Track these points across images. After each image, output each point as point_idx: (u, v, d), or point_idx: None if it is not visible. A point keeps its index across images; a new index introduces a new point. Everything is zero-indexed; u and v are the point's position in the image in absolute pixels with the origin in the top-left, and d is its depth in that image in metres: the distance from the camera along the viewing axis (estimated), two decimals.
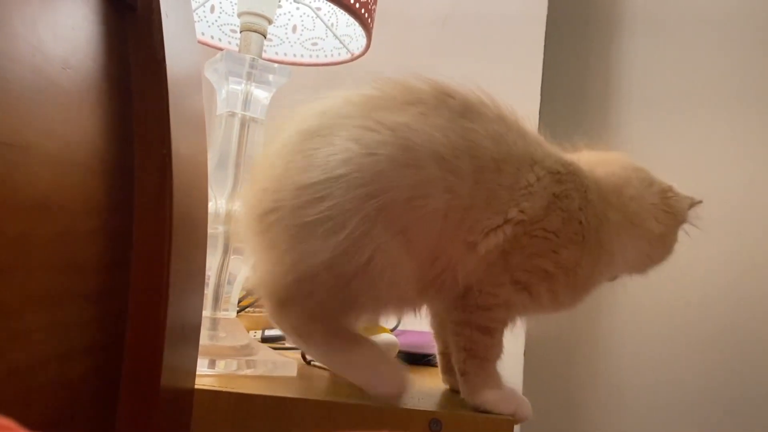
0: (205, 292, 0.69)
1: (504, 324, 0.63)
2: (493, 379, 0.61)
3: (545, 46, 1.24)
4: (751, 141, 1.42)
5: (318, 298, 0.56)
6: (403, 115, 0.57)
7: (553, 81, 1.37)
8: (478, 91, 0.64)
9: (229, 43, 0.91)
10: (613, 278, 0.73)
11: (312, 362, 0.77)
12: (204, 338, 0.65)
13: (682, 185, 1.39)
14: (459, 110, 0.60)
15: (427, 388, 0.70)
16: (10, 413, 0.26)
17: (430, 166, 0.56)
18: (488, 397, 0.60)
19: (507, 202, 0.59)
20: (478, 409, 0.60)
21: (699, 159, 1.42)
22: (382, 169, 0.54)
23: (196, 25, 0.87)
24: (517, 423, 0.60)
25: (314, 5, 0.87)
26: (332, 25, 0.88)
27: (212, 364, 0.65)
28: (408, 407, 0.59)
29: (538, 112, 1.23)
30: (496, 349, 0.62)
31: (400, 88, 0.60)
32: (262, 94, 0.75)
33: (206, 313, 0.70)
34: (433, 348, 0.74)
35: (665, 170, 1.40)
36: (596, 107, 1.45)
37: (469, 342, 0.61)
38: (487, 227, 0.59)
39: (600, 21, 1.46)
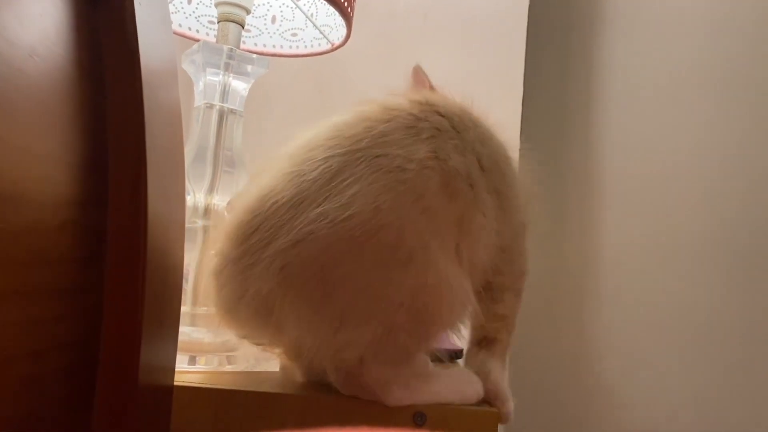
0: (184, 287, 0.68)
1: None
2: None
3: (527, 39, 1.24)
4: (735, 136, 1.43)
5: (399, 343, 0.54)
6: (421, 145, 0.55)
7: (536, 74, 1.37)
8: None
9: (207, 34, 0.89)
10: None
11: None
12: (183, 334, 0.64)
13: (665, 180, 1.40)
14: (447, 127, 0.59)
15: None
16: None
17: (466, 190, 0.55)
18: (497, 374, 0.61)
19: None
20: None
21: (682, 154, 1.43)
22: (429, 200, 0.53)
23: (173, 16, 0.86)
24: (503, 421, 0.60)
25: None
26: (312, 15, 0.87)
27: (192, 360, 0.64)
28: None
29: (520, 104, 1.23)
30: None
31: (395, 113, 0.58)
32: (240, 86, 0.73)
33: (185, 308, 0.69)
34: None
35: (649, 165, 1.41)
36: (579, 99, 1.45)
37: (508, 308, 0.63)
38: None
39: (582, 15, 1.46)
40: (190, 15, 0.87)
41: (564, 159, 1.44)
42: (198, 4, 0.87)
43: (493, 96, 1.22)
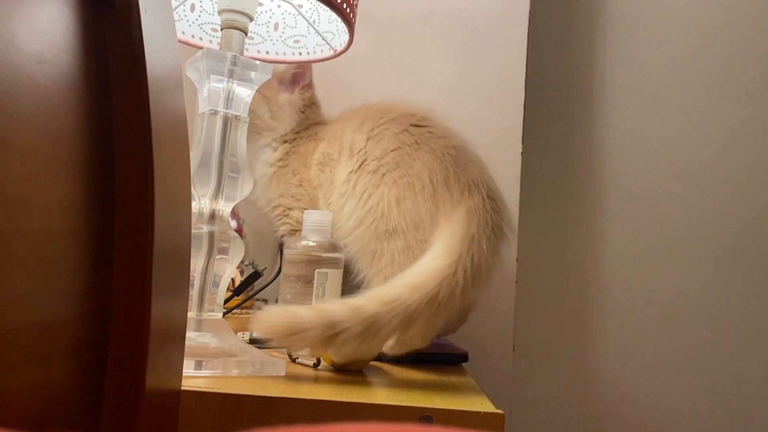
0: (190, 292, 0.68)
1: None
2: None
3: (528, 41, 1.25)
4: (734, 136, 1.43)
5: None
6: None
7: (538, 77, 1.37)
8: None
9: (211, 42, 0.90)
10: None
11: (297, 360, 0.76)
12: (189, 339, 0.64)
13: (666, 180, 1.40)
14: None
15: (417, 384, 0.70)
16: None
17: None
18: None
19: None
20: None
21: (682, 154, 1.43)
22: None
23: (177, 24, 0.86)
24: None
25: (296, 2, 0.86)
26: (314, 21, 0.87)
27: (199, 365, 0.65)
28: (398, 403, 0.58)
29: (522, 108, 1.23)
30: None
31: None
32: (244, 92, 0.74)
33: (191, 314, 0.69)
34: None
35: (649, 166, 1.41)
36: (581, 102, 1.46)
37: None
38: None
39: (583, 17, 1.47)
40: (193, 23, 0.88)
41: (566, 162, 1.44)
42: (201, 12, 0.87)
43: (495, 100, 1.23)
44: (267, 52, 0.92)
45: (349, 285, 0.87)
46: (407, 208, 0.82)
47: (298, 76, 1.00)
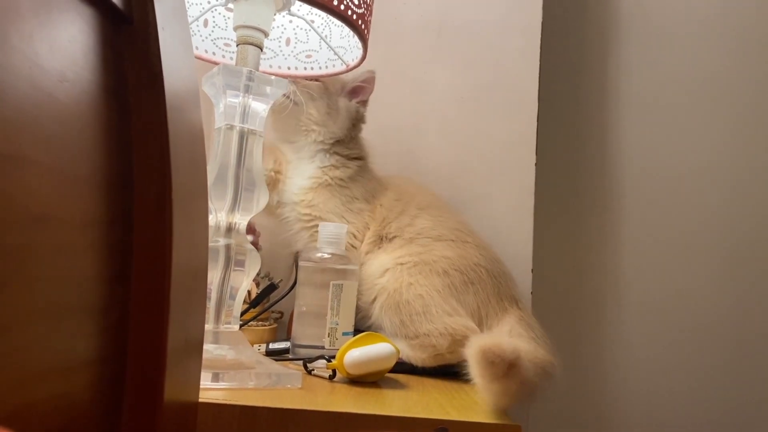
0: (207, 305, 0.69)
1: None
2: None
3: (541, 51, 1.25)
4: (747, 142, 1.42)
5: None
6: None
7: (550, 87, 1.37)
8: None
9: (223, 56, 0.91)
10: None
11: (313, 372, 0.76)
12: (207, 352, 0.65)
13: (681, 189, 1.39)
14: None
15: (432, 395, 0.70)
16: (10, 427, 0.26)
17: None
18: None
19: None
20: None
21: (696, 162, 1.43)
22: None
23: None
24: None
25: (308, 18, 0.87)
26: (326, 36, 0.88)
27: (216, 377, 0.65)
28: (414, 415, 0.58)
29: (536, 118, 1.23)
30: None
31: None
32: (260, 107, 0.75)
33: (209, 326, 0.69)
34: None
35: (664, 175, 1.40)
36: (594, 112, 1.46)
37: None
38: None
39: (595, 27, 1.47)
40: (206, 38, 0.89)
41: (580, 171, 1.44)
42: (214, 27, 0.89)
43: (508, 110, 1.23)
44: (279, 67, 0.93)
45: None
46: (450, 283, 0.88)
47: (361, 90, 1.01)
